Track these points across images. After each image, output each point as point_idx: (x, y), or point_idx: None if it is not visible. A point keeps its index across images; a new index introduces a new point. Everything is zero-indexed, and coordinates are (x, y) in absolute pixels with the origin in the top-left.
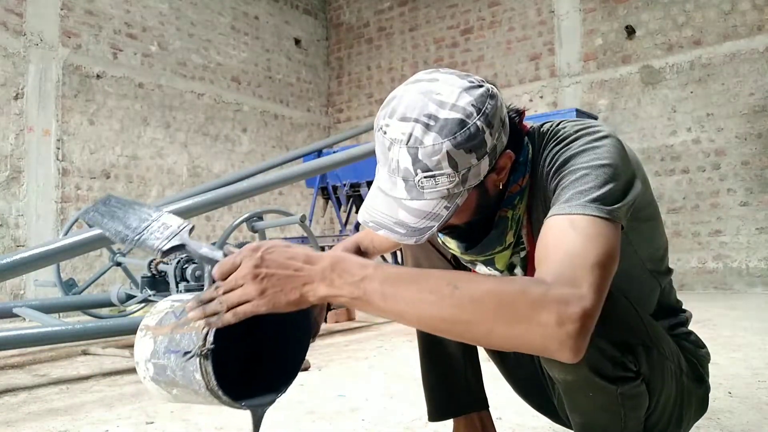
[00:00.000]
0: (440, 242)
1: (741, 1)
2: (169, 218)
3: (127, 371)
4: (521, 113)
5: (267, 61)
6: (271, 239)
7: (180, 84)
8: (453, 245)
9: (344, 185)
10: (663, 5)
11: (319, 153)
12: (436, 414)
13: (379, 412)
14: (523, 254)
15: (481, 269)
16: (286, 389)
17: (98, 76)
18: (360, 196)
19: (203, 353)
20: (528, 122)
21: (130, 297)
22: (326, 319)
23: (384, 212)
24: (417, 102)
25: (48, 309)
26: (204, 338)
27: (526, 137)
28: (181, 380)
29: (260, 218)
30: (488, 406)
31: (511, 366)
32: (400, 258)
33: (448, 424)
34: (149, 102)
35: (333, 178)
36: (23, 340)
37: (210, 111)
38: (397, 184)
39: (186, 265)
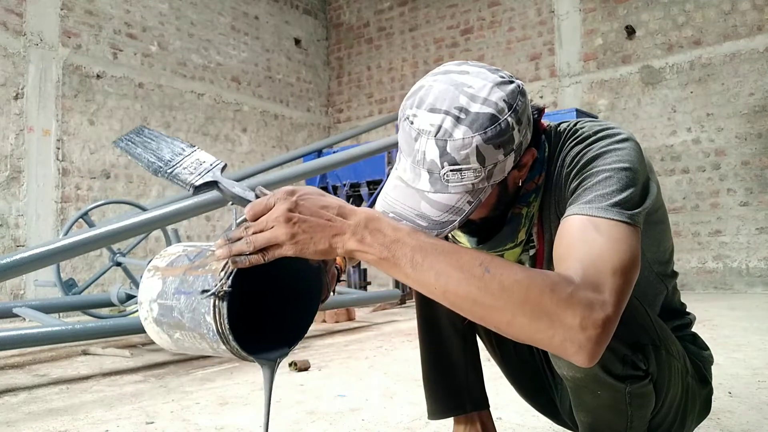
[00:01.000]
0: (450, 236)
1: (741, 1)
2: (203, 155)
3: (127, 371)
4: (541, 111)
5: (267, 61)
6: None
7: (180, 84)
8: (464, 239)
9: (344, 185)
10: (663, 5)
11: (319, 153)
12: (437, 412)
13: (379, 412)
14: (533, 252)
15: None
16: (292, 348)
17: (98, 76)
18: (360, 196)
19: (220, 294)
20: (544, 120)
21: (130, 297)
22: (326, 319)
23: (405, 203)
24: (447, 94)
25: (48, 309)
26: (225, 277)
27: (543, 135)
28: (189, 322)
29: None
30: (489, 406)
31: (513, 366)
32: None
33: (449, 424)
34: (149, 102)
35: (333, 178)
36: (23, 340)
37: (210, 111)
38: (421, 176)
39: None
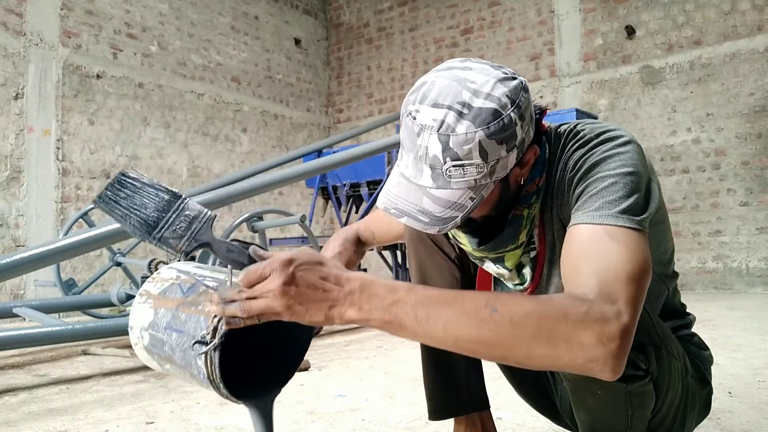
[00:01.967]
0: (451, 236)
1: (741, 1)
2: (191, 206)
3: (127, 371)
4: (543, 111)
5: (267, 61)
6: (300, 249)
7: (180, 84)
8: (464, 240)
9: (344, 185)
10: (663, 5)
11: (319, 153)
12: (437, 413)
13: (379, 412)
14: (533, 254)
15: (490, 266)
16: (282, 387)
17: (98, 76)
18: (360, 196)
19: (214, 346)
20: (544, 122)
21: (130, 297)
22: None
23: (407, 199)
24: (450, 89)
25: (48, 309)
26: (215, 330)
27: (543, 136)
28: (180, 360)
29: (260, 218)
30: (489, 406)
31: (513, 366)
32: (401, 258)
33: (449, 424)
34: (149, 102)
35: (333, 178)
36: (23, 340)
37: (210, 111)
38: (423, 172)
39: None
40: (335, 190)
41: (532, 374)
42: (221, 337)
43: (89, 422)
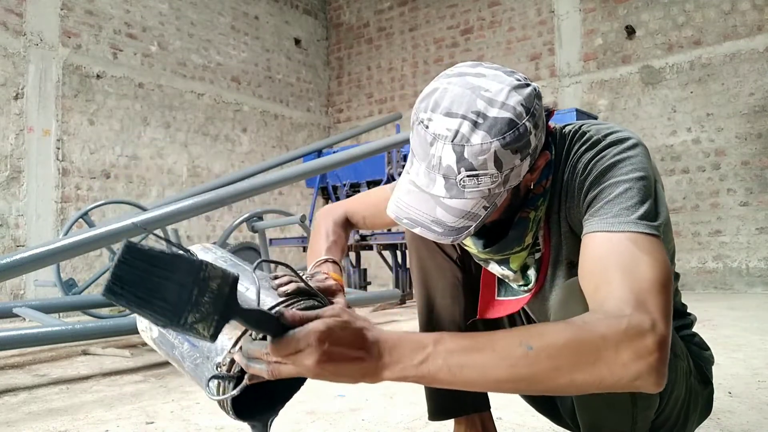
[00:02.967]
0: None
1: (741, 1)
2: (212, 274)
3: (127, 371)
4: (550, 113)
5: (267, 61)
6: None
7: (180, 84)
8: (470, 242)
9: (344, 185)
10: (663, 5)
11: (319, 153)
12: (437, 414)
13: (379, 412)
14: (538, 256)
15: (494, 268)
16: (285, 404)
17: (98, 76)
18: None
19: (230, 381)
20: (550, 122)
21: None
22: None
23: (420, 209)
24: (464, 97)
25: (48, 309)
26: (231, 363)
27: (549, 138)
28: (190, 371)
29: (260, 218)
30: (489, 407)
31: None
32: (401, 258)
33: (449, 424)
34: (149, 102)
35: (333, 178)
36: (23, 340)
37: (210, 111)
38: (436, 181)
39: None
40: (335, 190)
41: None
42: (238, 373)
43: (89, 422)
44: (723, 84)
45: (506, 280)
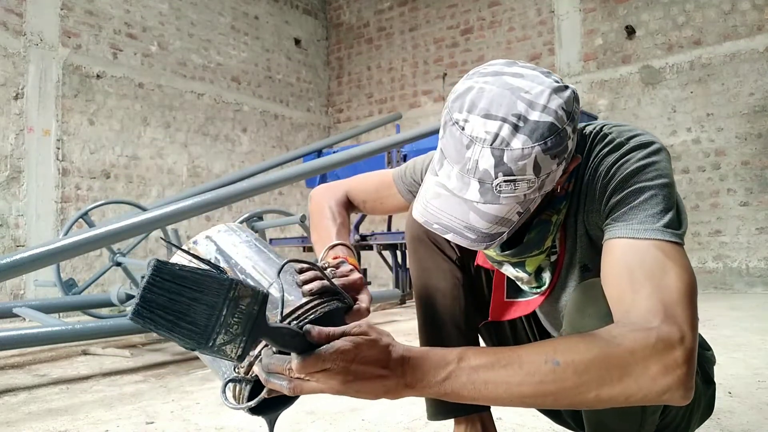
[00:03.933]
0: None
1: (741, 1)
2: (242, 293)
3: (127, 371)
4: None
5: (267, 61)
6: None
7: (180, 84)
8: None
9: None
10: (663, 5)
11: (319, 153)
12: (437, 414)
13: (379, 412)
14: (554, 258)
15: (508, 270)
16: (295, 400)
17: (98, 76)
18: None
19: (247, 383)
20: None
21: (130, 297)
22: None
23: (453, 215)
24: (503, 98)
25: (48, 309)
26: (250, 366)
27: None
28: (208, 361)
29: (260, 218)
30: (489, 407)
31: None
32: (401, 258)
33: (449, 424)
34: (149, 102)
35: (333, 178)
36: (23, 340)
37: (210, 111)
38: (470, 185)
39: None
40: None
41: None
42: (255, 377)
43: (89, 422)
44: (723, 84)
45: (518, 282)
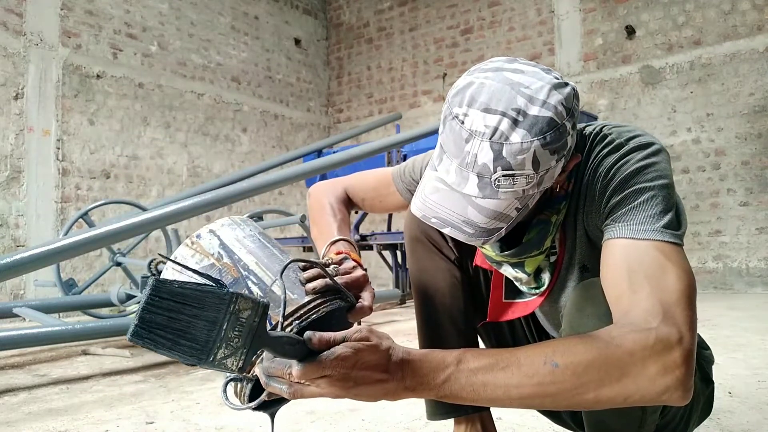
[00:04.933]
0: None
1: (741, 1)
2: (242, 305)
3: (127, 371)
4: None
5: (267, 61)
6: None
7: (180, 84)
8: (485, 245)
9: None
10: (663, 5)
11: (319, 153)
12: (436, 413)
13: (379, 412)
14: (553, 259)
15: (507, 270)
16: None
17: (98, 76)
18: None
19: (248, 381)
20: None
21: (130, 297)
22: None
23: (451, 209)
24: (503, 93)
25: (48, 309)
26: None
27: None
28: None
29: (260, 218)
30: (489, 407)
31: None
32: (401, 258)
33: (449, 424)
34: (149, 102)
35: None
36: (23, 340)
37: (210, 111)
38: (469, 180)
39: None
40: None
41: None
42: (255, 376)
43: (89, 422)
44: (723, 84)
45: (517, 283)
